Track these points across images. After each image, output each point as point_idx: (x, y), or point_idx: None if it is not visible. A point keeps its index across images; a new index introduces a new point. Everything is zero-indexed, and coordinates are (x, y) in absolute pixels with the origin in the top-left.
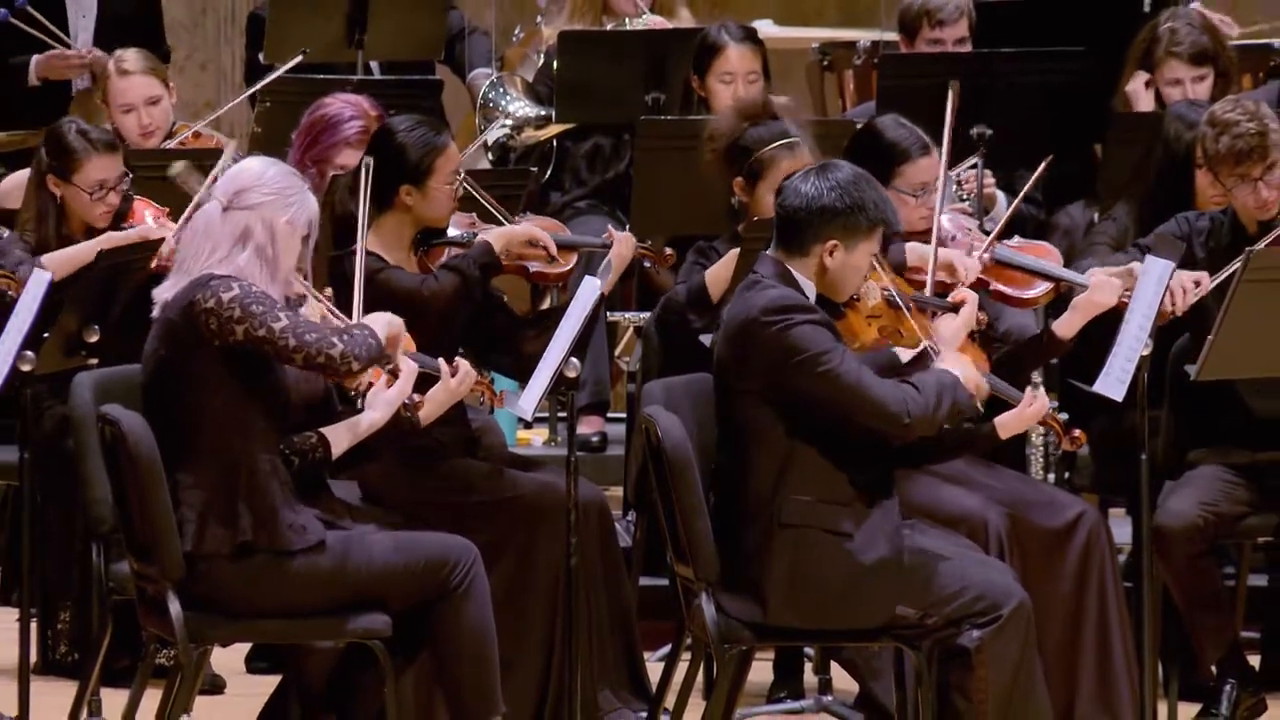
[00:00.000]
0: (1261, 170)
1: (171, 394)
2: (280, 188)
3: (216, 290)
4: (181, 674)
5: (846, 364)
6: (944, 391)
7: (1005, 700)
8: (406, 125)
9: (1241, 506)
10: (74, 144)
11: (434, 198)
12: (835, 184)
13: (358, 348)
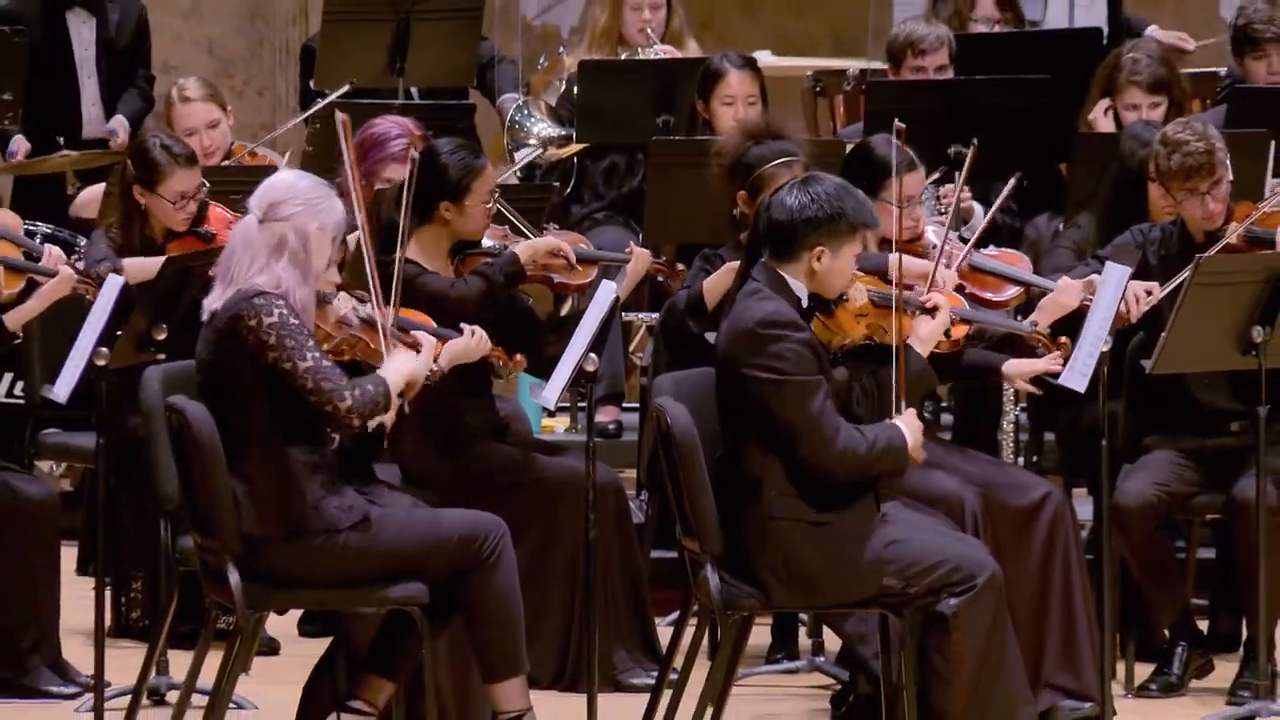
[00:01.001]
0: (1209, 185)
1: (222, 395)
2: (310, 198)
3: (259, 311)
4: (240, 637)
5: (817, 398)
6: (886, 453)
7: (979, 661)
8: (449, 148)
9: (1191, 487)
10: (159, 159)
11: (470, 214)
12: (817, 195)
13: (364, 404)
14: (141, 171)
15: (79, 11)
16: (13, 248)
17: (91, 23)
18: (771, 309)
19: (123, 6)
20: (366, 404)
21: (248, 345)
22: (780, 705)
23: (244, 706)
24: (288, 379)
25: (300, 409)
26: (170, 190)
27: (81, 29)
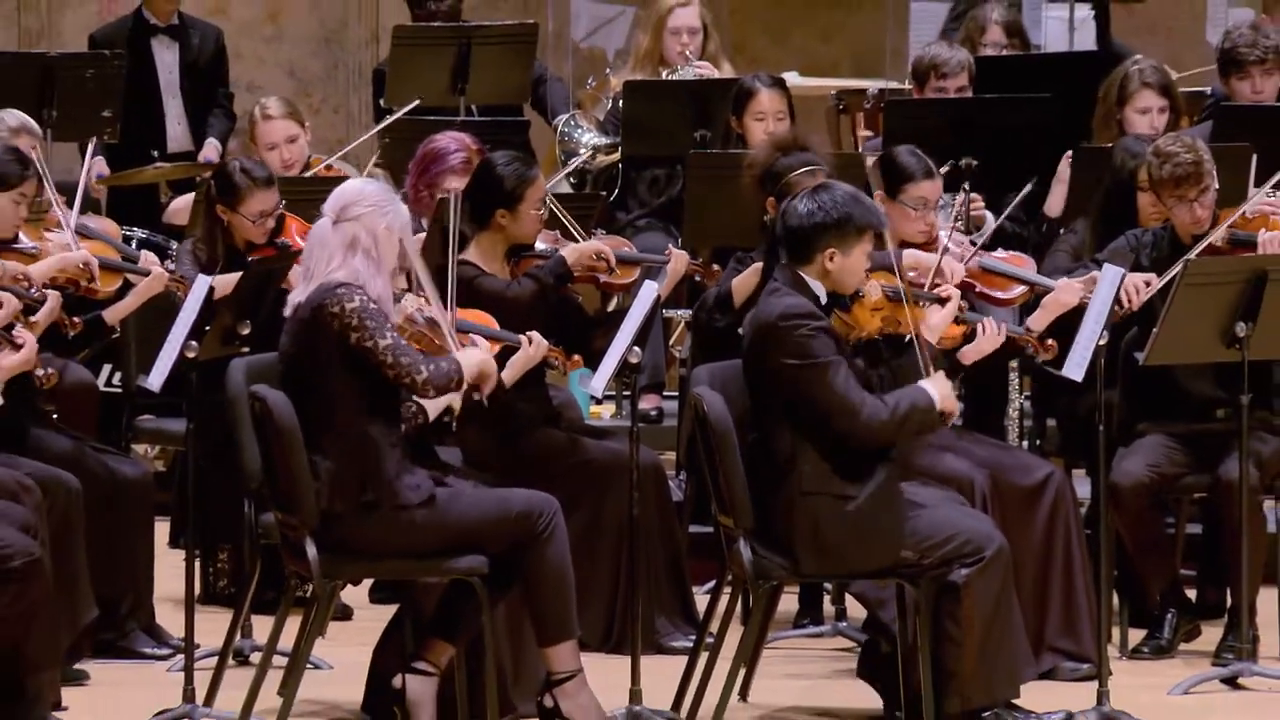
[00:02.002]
0: (1196, 193)
1: (305, 382)
2: (377, 200)
3: (342, 299)
4: (317, 604)
5: (836, 374)
6: (912, 414)
7: (987, 626)
8: (504, 160)
9: (1180, 468)
10: (239, 182)
11: (524, 220)
12: (825, 202)
13: (439, 378)
14: (223, 192)
15: (162, 38)
16: (111, 250)
17: (175, 48)
18: (790, 303)
19: (202, 32)
20: (440, 378)
21: (332, 331)
22: (807, 666)
23: (320, 666)
24: (369, 357)
25: (379, 391)
26: (250, 210)
27: (165, 54)
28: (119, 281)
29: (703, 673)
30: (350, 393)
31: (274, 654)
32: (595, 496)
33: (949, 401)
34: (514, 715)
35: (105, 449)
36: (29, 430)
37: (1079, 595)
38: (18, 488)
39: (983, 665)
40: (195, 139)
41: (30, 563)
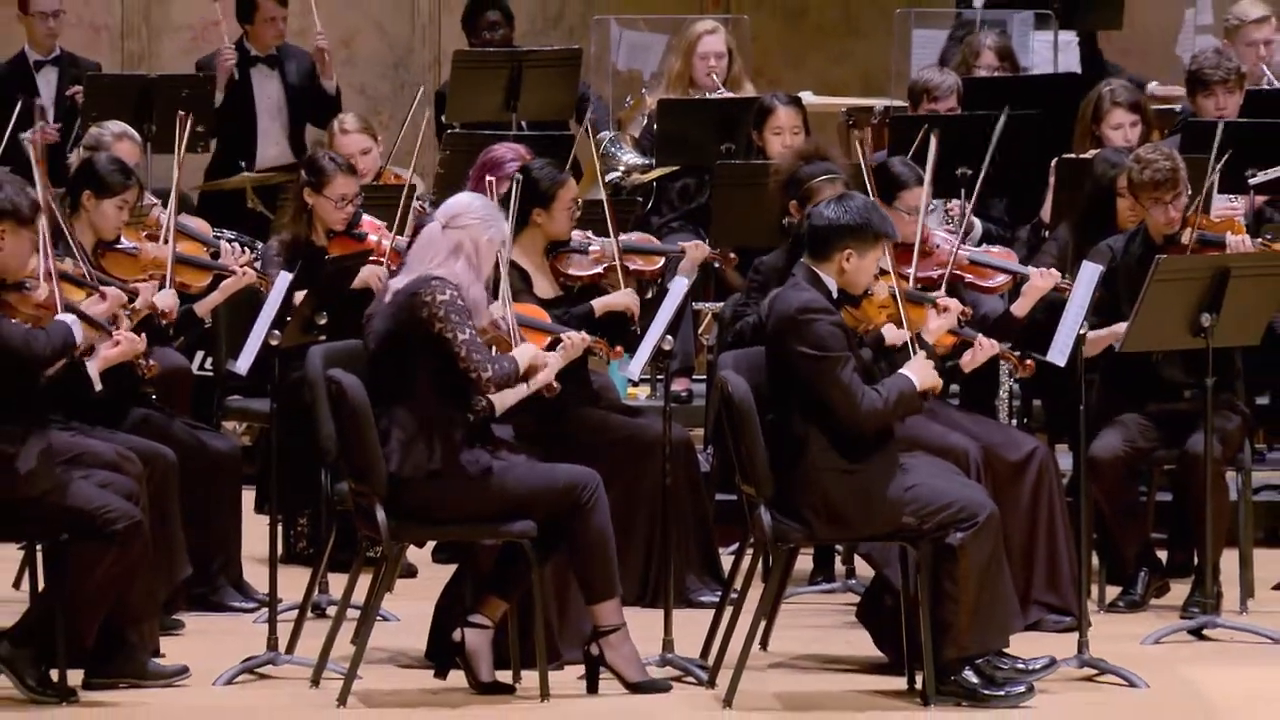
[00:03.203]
0: (1171, 196)
1: (393, 357)
2: (484, 215)
3: (435, 290)
4: (386, 564)
5: (843, 369)
6: (900, 401)
7: (980, 584)
8: (539, 165)
9: (1152, 443)
10: (325, 165)
11: (557, 218)
12: (850, 208)
13: (500, 376)
14: (312, 175)
15: (261, 67)
16: (200, 249)
17: (275, 75)
18: (807, 298)
19: (297, 61)
20: (501, 376)
21: (420, 316)
22: (820, 619)
23: (388, 619)
24: (447, 346)
25: (454, 376)
26: (334, 191)
27: (265, 82)
28: (209, 278)
29: (728, 625)
30: (428, 372)
31: (348, 608)
32: (632, 469)
33: (930, 382)
34: (560, 662)
35: (198, 425)
36: (130, 409)
37: (1061, 556)
38: (120, 460)
39: (976, 618)
40: (295, 154)
41: (131, 526)
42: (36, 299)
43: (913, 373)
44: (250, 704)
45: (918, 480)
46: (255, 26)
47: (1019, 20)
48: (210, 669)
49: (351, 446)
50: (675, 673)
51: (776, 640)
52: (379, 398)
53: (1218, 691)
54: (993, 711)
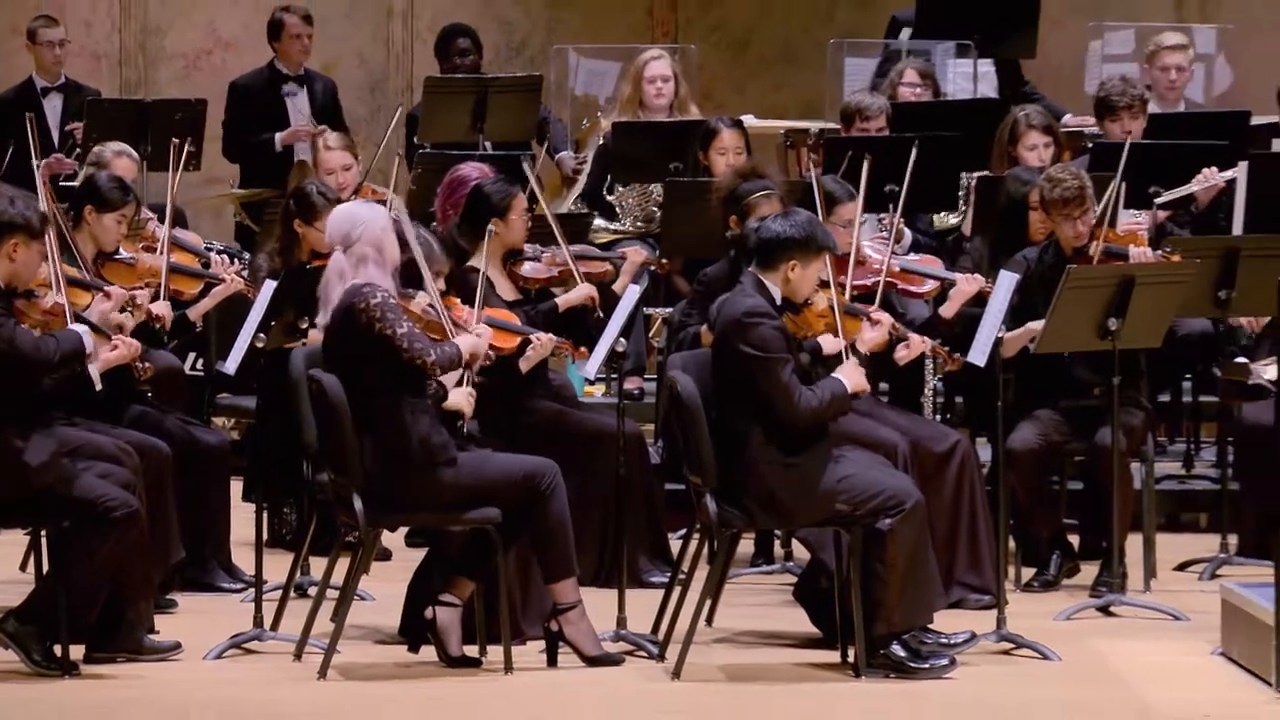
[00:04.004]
0: (1080, 212)
1: (346, 368)
2: (366, 217)
3: (366, 297)
4: (362, 548)
5: (783, 369)
6: (833, 401)
7: (907, 565)
8: (490, 181)
9: (1064, 436)
10: (316, 201)
11: (513, 227)
12: (796, 223)
13: (444, 360)
14: (302, 210)
15: (291, 86)
16: (192, 258)
17: (302, 93)
18: (753, 303)
19: (322, 83)
20: (444, 359)
21: (361, 324)
22: (761, 598)
23: (365, 598)
24: (390, 342)
25: (405, 369)
26: (323, 224)
27: (295, 99)
28: (200, 285)
29: (676, 603)
30: (382, 372)
31: (327, 588)
32: (588, 460)
33: (860, 385)
34: (522, 638)
35: (190, 421)
36: (129, 406)
37: (981, 540)
38: (119, 453)
39: (904, 596)
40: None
41: (129, 513)
42: (44, 305)
43: (845, 376)
44: (238, 677)
45: (850, 471)
46: (282, 44)
47: (941, 50)
48: (201, 644)
49: (331, 441)
50: (628, 647)
51: (721, 617)
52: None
53: (1123, 663)
54: (918, 682)
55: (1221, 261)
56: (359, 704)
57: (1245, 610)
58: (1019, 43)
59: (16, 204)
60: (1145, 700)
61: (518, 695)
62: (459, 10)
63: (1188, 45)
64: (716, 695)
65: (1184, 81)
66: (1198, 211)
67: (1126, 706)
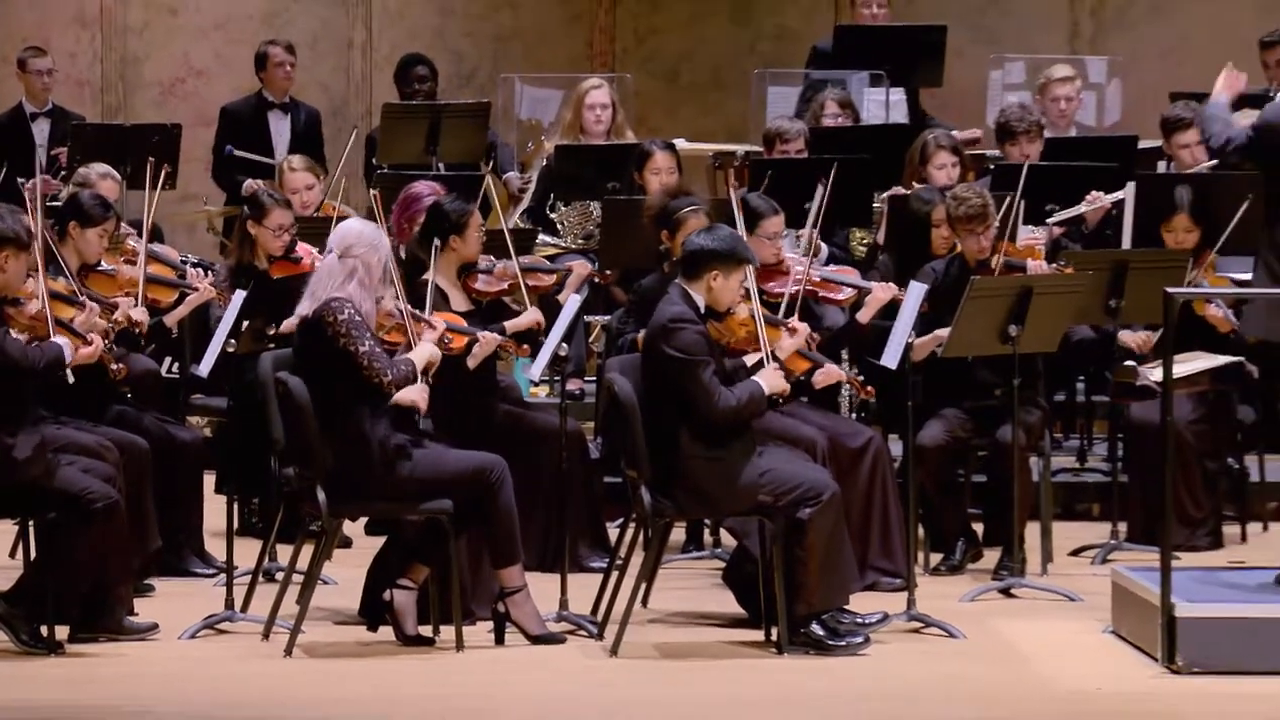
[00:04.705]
0: (982, 228)
1: (312, 371)
2: (371, 241)
3: (335, 311)
4: (325, 536)
5: (704, 371)
6: (750, 402)
7: (825, 551)
8: (448, 200)
9: (968, 433)
10: (265, 201)
11: (469, 242)
12: (718, 237)
13: (399, 379)
14: (253, 209)
15: (276, 112)
16: (168, 270)
17: (286, 120)
18: (678, 311)
19: (305, 111)
20: (400, 378)
21: (328, 335)
22: (691, 581)
23: (328, 582)
24: (352, 358)
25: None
26: (272, 222)
27: (280, 124)
28: (175, 295)
29: (614, 587)
30: (344, 379)
31: (293, 573)
32: (533, 455)
33: (777, 387)
34: (472, 618)
35: (166, 420)
36: (109, 406)
37: (893, 528)
38: (100, 449)
39: (822, 580)
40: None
41: (110, 505)
42: (29, 312)
43: (763, 379)
44: (210, 655)
45: (772, 465)
46: (268, 72)
47: (857, 79)
48: (177, 625)
49: (296, 437)
50: (570, 627)
51: (655, 599)
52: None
53: (1023, 640)
54: (836, 658)
55: (1112, 273)
56: (322, 679)
57: (1133, 592)
58: (927, 73)
59: (6, 219)
60: (1042, 674)
61: (468, 671)
62: (414, 43)
63: (1075, 76)
64: (650, 671)
65: (1073, 109)
66: (1087, 231)
67: (1025, 680)
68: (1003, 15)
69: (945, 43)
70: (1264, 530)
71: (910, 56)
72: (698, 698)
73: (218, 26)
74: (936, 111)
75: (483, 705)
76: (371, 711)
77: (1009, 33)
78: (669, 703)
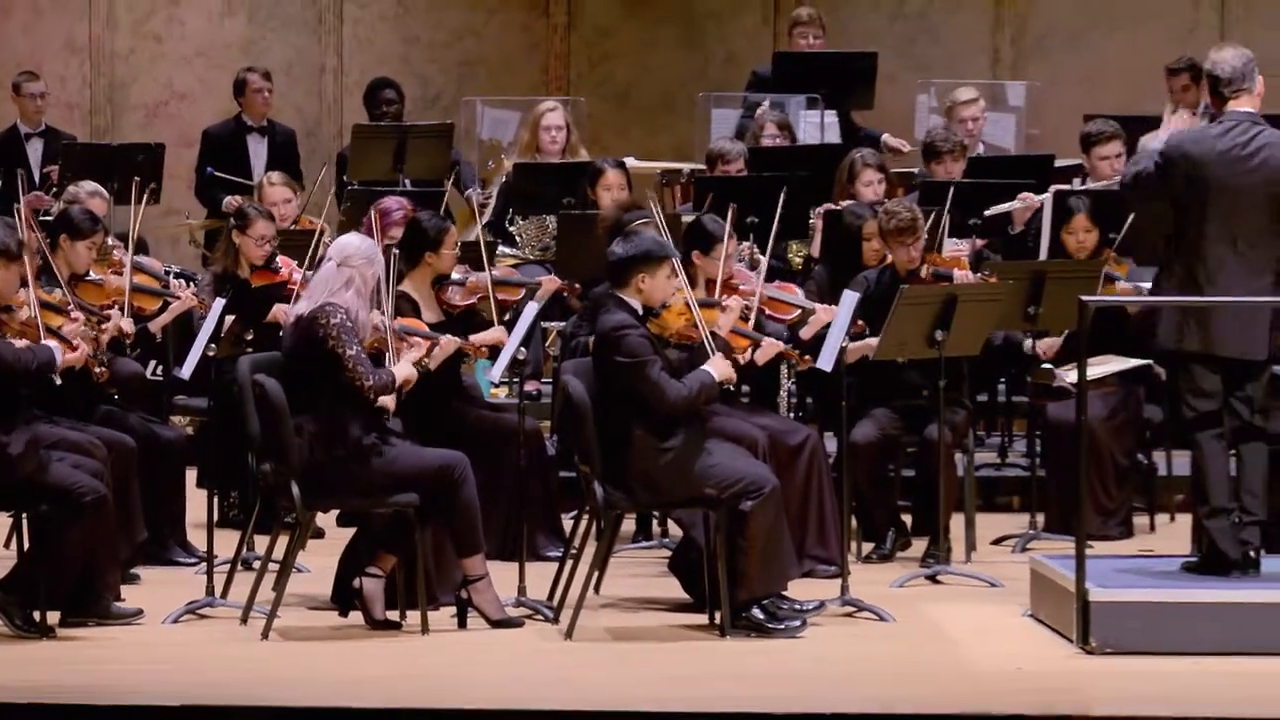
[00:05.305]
0: (912, 240)
1: (301, 367)
2: (368, 255)
3: (329, 315)
4: (299, 527)
5: (652, 369)
6: (702, 390)
7: (766, 541)
8: (427, 216)
9: (899, 431)
10: (250, 213)
11: (443, 257)
12: (635, 243)
13: (379, 385)
14: (238, 220)
15: (254, 134)
16: (152, 280)
17: (264, 141)
18: (618, 319)
19: (282, 133)
20: (380, 385)
21: (318, 335)
22: (641, 569)
23: (302, 570)
24: (338, 361)
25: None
26: (255, 232)
27: (257, 146)
28: (159, 303)
29: (568, 574)
30: (328, 378)
31: (269, 562)
32: (494, 452)
33: (726, 374)
34: (437, 604)
35: (151, 419)
36: (98, 407)
37: (828, 519)
38: (89, 446)
39: (762, 568)
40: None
41: (98, 499)
42: (20, 318)
43: (711, 368)
44: (192, 638)
45: (717, 460)
46: (246, 98)
47: (794, 103)
48: (161, 610)
49: (272, 436)
50: (528, 612)
51: (607, 586)
52: (294, 399)
53: (948, 623)
54: (775, 641)
55: (1031, 283)
56: (296, 661)
57: (1050, 578)
58: (859, 96)
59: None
60: (966, 655)
61: (433, 653)
62: (382, 68)
63: (979, 98)
64: (602, 652)
65: (979, 129)
66: (1013, 232)
67: (950, 660)
68: (930, 43)
69: (876, 69)
70: (1171, 521)
71: (843, 81)
72: (646, 677)
73: (199, 54)
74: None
75: (446, 685)
76: (343, 691)
77: (936, 60)
78: (620, 682)
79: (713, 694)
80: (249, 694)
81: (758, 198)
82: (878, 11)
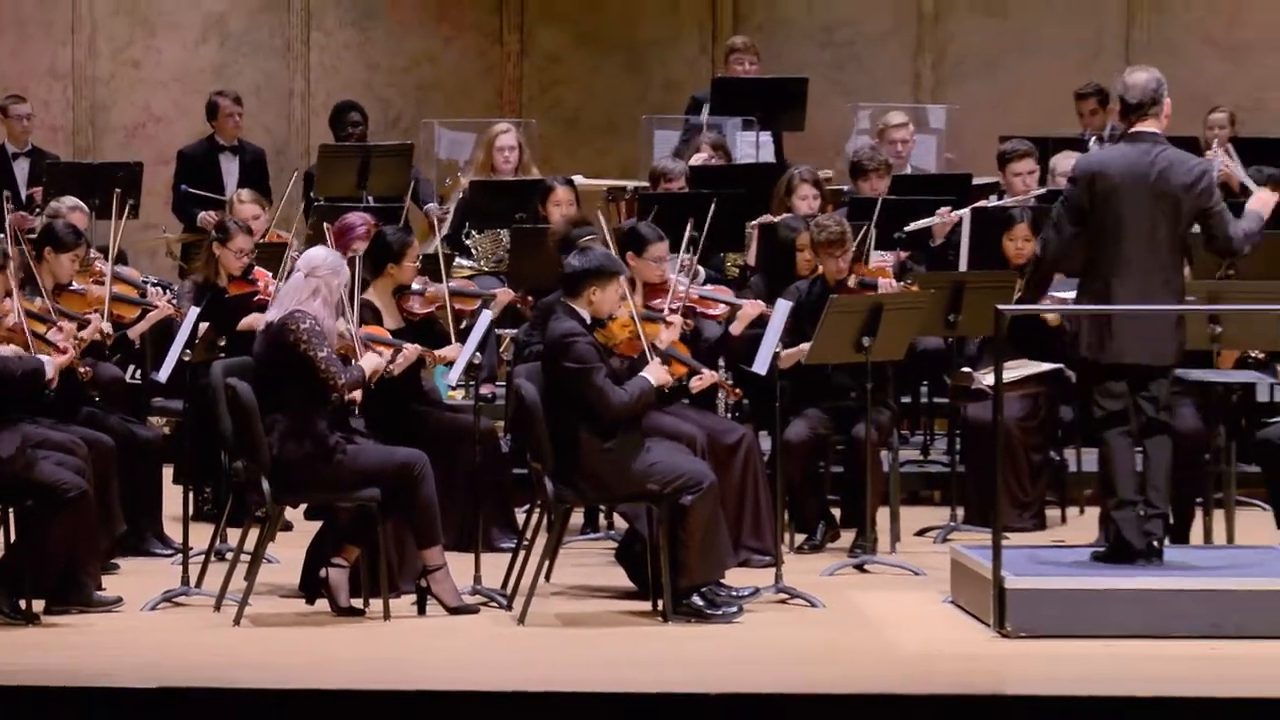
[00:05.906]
0: (841, 251)
1: (271, 371)
2: (333, 266)
3: (299, 320)
4: (269, 520)
5: (597, 376)
6: (642, 396)
7: (704, 533)
8: (391, 230)
9: (829, 430)
10: (230, 227)
11: (406, 269)
12: (590, 258)
13: (351, 382)
14: (220, 233)
15: (226, 154)
16: (131, 289)
17: (235, 160)
18: (567, 326)
19: (252, 152)
20: (352, 381)
21: (289, 341)
22: (589, 559)
23: (272, 561)
24: (310, 363)
25: (316, 382)
26: (234, 245)
27: (229, 164)
28: (137, 311)
29: (521, 564)
30: (297, 382)
31: (241, 553)
32: (451, 450)
33: (662, 379)
34: (398, 592)
35: (130, 420)
36: (79, 408)
37: (763, 512)
38: (72, 445)
39: (701, 558)
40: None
41: (80, 495)
42: (8, 324)
43: (650, 374)
44: (169, 624)
45: (658, 458)
46: (218, 120)
47: (731, 124)
48: (139, 598)
49: (243, 435)
50: (483, 599)
51: (557, 575)
52: (264, 401)
53: (874, 609)
54: (714, 626)
55: (951, 292)
56: (266, 645)
57: (969, 567)
58: (791, 118)
59: None
60: (891, 639)
61: (394, 638)
62: (347, 91)
63: (908, 122)
64: (553, 637)
65: (908, 150)
66: (934, 246)
67: (876, 644)
68: (857, 70)
69: (807, 93)
70: (1081, 514)
71: (777, 105)
72: (594, 659)
73: (175, 79)
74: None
75: (407, 667)
76: (310, 673)
77: (862, 84)
78: (570, 664)
79: (656, 676)
80: (222, 676)
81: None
82: (808, 40)
